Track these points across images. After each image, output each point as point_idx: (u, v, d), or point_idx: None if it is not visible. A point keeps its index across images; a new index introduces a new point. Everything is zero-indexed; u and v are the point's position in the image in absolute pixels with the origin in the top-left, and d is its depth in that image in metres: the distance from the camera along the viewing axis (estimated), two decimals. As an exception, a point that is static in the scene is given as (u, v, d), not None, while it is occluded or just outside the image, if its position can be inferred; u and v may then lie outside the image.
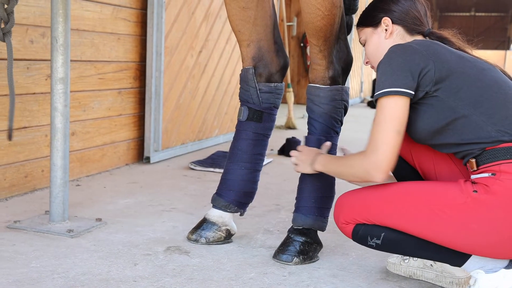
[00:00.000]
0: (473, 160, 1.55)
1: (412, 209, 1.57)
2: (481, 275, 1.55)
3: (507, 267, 1.54)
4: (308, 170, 1.86)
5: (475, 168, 1.55)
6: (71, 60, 2.76)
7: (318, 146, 1.96)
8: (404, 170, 1.80)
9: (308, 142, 1.99)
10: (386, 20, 1.71)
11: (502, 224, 1.47)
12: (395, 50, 1.58)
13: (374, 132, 1.56)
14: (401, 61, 1.55)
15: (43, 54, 2.62)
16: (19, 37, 2.50)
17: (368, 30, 1.76)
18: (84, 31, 2.89)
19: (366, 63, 1.81)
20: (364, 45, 1.79)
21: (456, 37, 1.70)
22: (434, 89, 1.54)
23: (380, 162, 1.54)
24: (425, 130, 1.59)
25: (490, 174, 1.51)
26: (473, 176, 1.56)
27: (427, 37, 1.72)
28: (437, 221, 1.53)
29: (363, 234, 1.67)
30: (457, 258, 1.60)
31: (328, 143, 1.95)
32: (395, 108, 1.53)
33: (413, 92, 1.54)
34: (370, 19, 1.75)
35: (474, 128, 1.53)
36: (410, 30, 1.71)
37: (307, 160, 1.86)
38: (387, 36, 1.71)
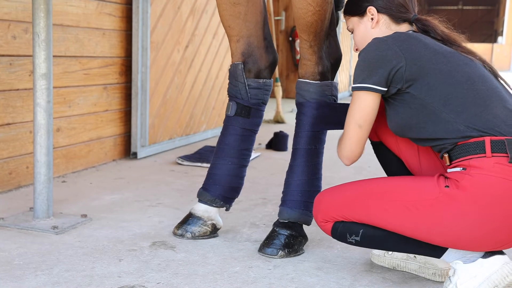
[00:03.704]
0: (446, 155, 1.57)
1: (387, 205, 1.58)
2: (459, 266, 1.56)
3: (484, 257, 1.55)
4: None
5: (448, 163, 1.57)
6: (55, 56, 2.75)
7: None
8: (392, 163, 1.81)
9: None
10: (371, 10, 1.71)
11: (472, 218, 1.48)
12: (371, 44, 1.61)
13: (345, 122, 1.66)
14: (374, 56, 1.57)
15: (26, 49, 2.59)
16: (1, 32, 2.47)
17: (354, 19, 1.76)
18: (68, 27, 2.87)
19: (356, 50, 1.80)
20: (352, 33, 1.79)
21: (442, 23, 1.68)
22: (406, 86, 1.56)
23: (345, 152, 1.66)
24: (399, 124, 1.62)
25: (461, 168, 1.52)
26: (448, 170, 1.57)
27: (413, 24, 1.71)
28: (411, 216, 1.54)
29: (342, 231, 1.68)
30: (435, 251, 1.61)
31: None
32: (362, 103, 1.60)
33: (383, 88, 1.57)
34: (355, 8, 1.75)
35: (444, 125, 1.54)
36: (396, 18, 1.71)
37: None
38: (373, 25, 1.71)
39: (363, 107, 1.59)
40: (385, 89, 1.57)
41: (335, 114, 1.96)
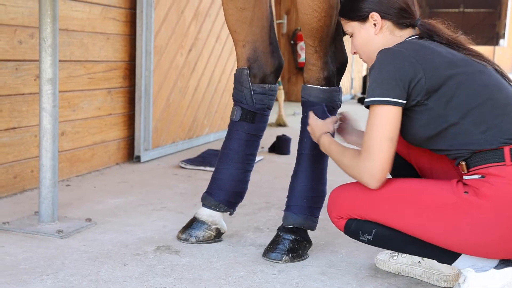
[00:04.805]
0: (464, 163, 1.56)
1: (403, 206, 1.57)
2: (470, 274, 1.56)
3: (497, 267, 1.54)
4: (316, 141, 1.84)
5: (465, 171, 1.56)
6: (60, 60, 2.76)
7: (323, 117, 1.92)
8: (403, 169, 1.79)
9: (316, 113, 1.93)
10: (374, 15, 1.65)
11: (492, 225, 1.48)
12: (385, 56, 1.56)
13: (367, 139, 1.55)
14: (391, 69, 1.53)
15: (32, 54, 2.61)
16: (8, 37, 2.49)
17: (354, 24, 1.70)
18: (73, 31, 2.88)
19: (354, 53, 1.77)
20: (350, 37, 1.75)
21: (447, 27, 1.65)
22: (425, 98, 1.53)
23: (374, 170, 1.54)
24: (417, 136, 1.59)
25: (479, 176, 1.52)
26: (465, 177, 1.57)
27: (416, 29, 1.68)
28: (426, 219, 1.54)
29: (355, 229, 1.68)
30: (447, 256, 1.61)
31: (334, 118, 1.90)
32: (387, 117, 1.53)
33: (404, 101, 1.53)
34: (356, 13, 1.69)
35: (463, 135, 1.53)
36: (399, 24, 1.66)
37: (314, 135, 1.83)
38: (377, 31, 1.66)
39: (390, 120, 1.52)
40: (405, 102, 1.53)
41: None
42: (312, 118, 1.88)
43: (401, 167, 1.80)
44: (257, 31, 2.06)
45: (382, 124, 1.52)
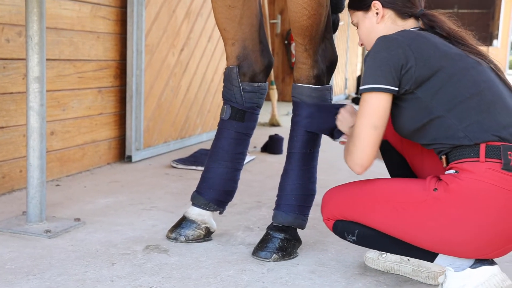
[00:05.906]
0: (444, 157, 1.56)
1: (378, 206, 1.58)
2: (450, 273, 1.56)
3: (472, 266, 1.54)
4: (346, 131, 1.78)
5: (445, 165, 1.56)
6: (49, 59, 2.75)
7: None
8: (396, 162, 1.79)
9: None
10: (376, 4, 1.65)
11: (454, 221, 1.47)
12: (380, 44, 1.55)
13: (355, 126, 1.57)
14: (385, 56, 1.52)
15: (20, 53, 2.59)
16: (-5, 36, 2.47)
17: (359, 14, 1.71)
18: (62, 30, 2.87)
19: (361, 44, 1.77)
20: (357, 28, 1.75)
21: (449, 19, 1.64)
22: (413, 87, 1.52)
23: (357, 156, 1.55)
24: (405, 128, 1.58)
25: (454, 171, 1.51)
26: (446, 172, 1.56)
27: (419, 19, 1.67)
28: (399, 218, 1.55)
29: (341, 230, 1.70)
30: (427, 254, 1.60)
31: None
32: (375, 104, 1.52)
33: (396, 88, 1.52)
34: (360, 2, 1.70)
35: (446, 129, 1.52)
36: (402, 14, 1.65)
37: (349, 122, 1.77)
38: (378, 20, 1.66)
39: (377, 108, 1.52)
40: (397, 89, 1.52)
41: (331, 118, 1.95)
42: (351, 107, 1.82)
43: (396, 162, 1.79)
44: (246, 29, 2.05)
45: (369, 112, 1.53)
